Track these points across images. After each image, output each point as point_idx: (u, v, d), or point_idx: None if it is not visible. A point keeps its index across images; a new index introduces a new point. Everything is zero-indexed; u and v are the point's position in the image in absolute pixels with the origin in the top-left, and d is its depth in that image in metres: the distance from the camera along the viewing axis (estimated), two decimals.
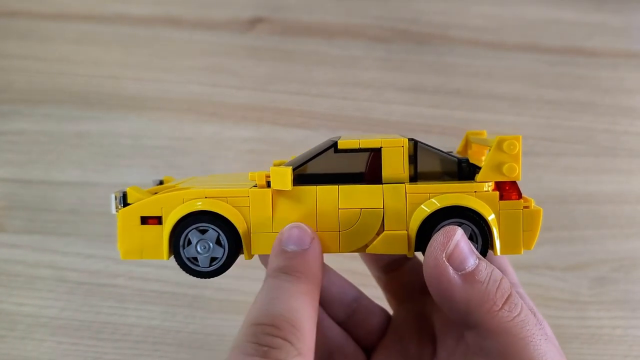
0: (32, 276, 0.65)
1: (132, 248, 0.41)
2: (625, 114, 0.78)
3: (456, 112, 0.77)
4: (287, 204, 0.40)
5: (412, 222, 0.39)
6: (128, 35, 0.80)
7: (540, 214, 0.40)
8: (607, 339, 0.63)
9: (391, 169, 0.40)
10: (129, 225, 0.40)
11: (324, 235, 0.40)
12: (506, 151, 0.39)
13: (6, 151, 0.73)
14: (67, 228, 0.68)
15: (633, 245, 0.69)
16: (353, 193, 0.40)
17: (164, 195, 0.41)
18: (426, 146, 0.41)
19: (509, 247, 0.40)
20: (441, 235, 0.36)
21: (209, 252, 0.40)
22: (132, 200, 0.41)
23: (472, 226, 0.39)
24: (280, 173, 0.40)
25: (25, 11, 0.81)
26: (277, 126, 0.75)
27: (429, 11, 0.84)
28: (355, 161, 0.41)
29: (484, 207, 0.39)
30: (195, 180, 0.47)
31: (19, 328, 0.63)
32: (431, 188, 0.40)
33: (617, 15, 0.85)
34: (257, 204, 0.40)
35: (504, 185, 0.40)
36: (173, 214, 0.40)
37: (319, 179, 0.41)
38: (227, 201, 0.40)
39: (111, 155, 0.73)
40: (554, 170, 0.74)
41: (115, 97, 0.76)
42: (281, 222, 0.40)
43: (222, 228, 0.40)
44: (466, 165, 0.41)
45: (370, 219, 0.40)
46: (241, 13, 0.82)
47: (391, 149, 0.41)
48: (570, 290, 0.66)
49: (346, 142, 0.41)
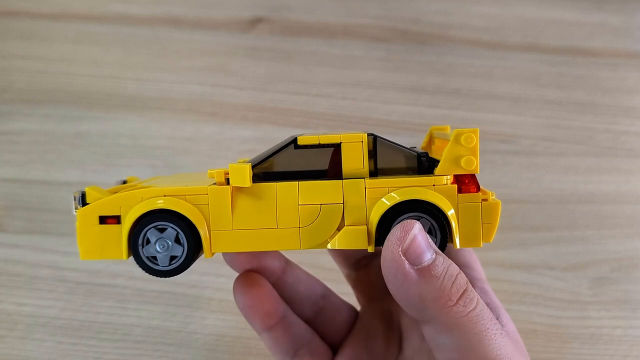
0: (32, 276, 0.65)
1: (91, 248, 0.40)
2: (625, 114, 0.78)
3: (456, 112, 0.77)
4: (247, 201, 0.40)
5: (371, 216, 0.39)
6: (128, 35, 0.80)
7: (499, 206, 0.40)
8: (607, 339, 0.63)
9: (351, 164, 0.40)
10: (87, 225, 0.40)
11: (284, 232, 0.40)
12: (464, 144, 0.39)
13: (6, 151, 0.73)
14: (67, 228, 0.68)
15: (633, 245, 0.69)
16: (313, 189, 0.40)
17: (123, 194, 0.40)
18: (385, 141, 0.41)
19: (468, 240, 0.40)
20: (398, 230, 0.36)
21: (168, 251, 0.40)
22: (91, 200, 0.40)
23: (430, 220, 0.39)
24: (238, 170, 0.39)
25: (25, 11, 0.81)
26: (277, 126, 0.75)
27: (429, 11, 0.84)
28: (317, 158, 0.41)
29: (442, 200, 0.39)
30: (158, 180, 0.47)
31: (19, 328, 0.62)
32: (390, 182, 0.40)
33: (617, 15, 0.85)
34: (216, 202, 0.40)
35: (463, 178, 0.40)
36: (131, 212, 0.40)
37: (281, 176, 0.41)
38: (186, 199, 0.40)
39: (111, 155, 0.73)
40: (554, 170, 0.74)
41: (115, 97, 0.76)
42: (241, 219, 0.40)
43: (181, 226, 0.40)
44: (425, 160, 0.41)
45: (331, 215, 0.40)
46: (241, 13, 0.82)
47: (350, 144, 0.40)
48: (570, 290, 0.66)
49: (306, 138, 0.41)
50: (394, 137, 0.74)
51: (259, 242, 0.40)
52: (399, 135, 0.75)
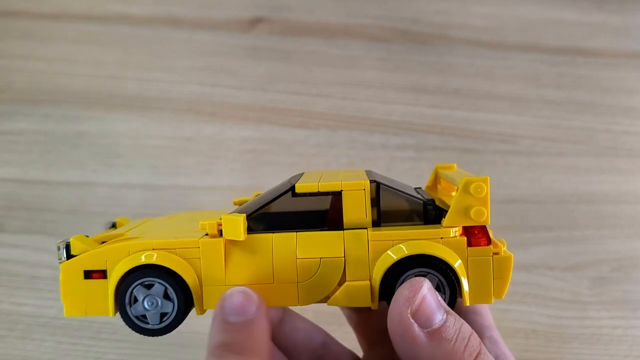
0: (32, 276, 0.65)
1: (76, 303, 0.38)
2: (625, 114, 0.78)
3: (456, 112, 0.77)
4: (241, 254, 0.38)
5: (375, 271, 0.37)
6: (128, 35, 0.80)
7: (511, 260, 0.37)
8: (607, 339, 0.63)
9: (353, 213, 0.38)
10: (71, 279, 0.38)
11: (281, 288, 0.37)
12: (473, 194, 0.37)
13: (6, 151, 0.73)
14: (67, 228, 0.68)
15: (633, 245, 0.69)
16: (312, 241, 0.38)
17: (109, 247, 0.38)
18: (389, 188, 0.39)
19: (478, 296, 0.37)
20: (406, 289, 0.34)
21: (157, 308, 0.37)
22: (76, 252, 0.38)
23: (438, 276, 0.37)
24: (232, 221, 0.37)
25: (25, 11, 0.81)
26: (277, 126, 0.75)
27: (429, 11, 0.84)
28: (317, 202, 0.39)
29: (451, 255, 0.37)
30: (148, 226, 0.44)
31: (19, 328, 0.62)
32: (395, 235, 0.37)
33: (617, 15, 0.85)
34: (209, 256, 0.37)
35: (473, 229, 0.38)
36: (118, 268, 0.37)
37: (277, 221, 0.39)
38: (176, 253, 0.37)
39: (111, 155, 0.73)
40: (554, 170, 0.74)
41: (115, 97, 0.76)
42: (235, 274, 0.37)
43: (170, 282, 0.37)
44: (432, 208, 0.39)
45: (331, 269, 0.37)
46: (241, 13, 0.82)
47: (352, 192, 0.38)
48: (570, 290, 0.66)
49: (304, 186, 0.38)
50: (394, 137, 0.75)
51: None
52: (399, 135, 0.75)
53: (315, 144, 0.74)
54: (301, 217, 0.39)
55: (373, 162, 0.73)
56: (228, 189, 0.71)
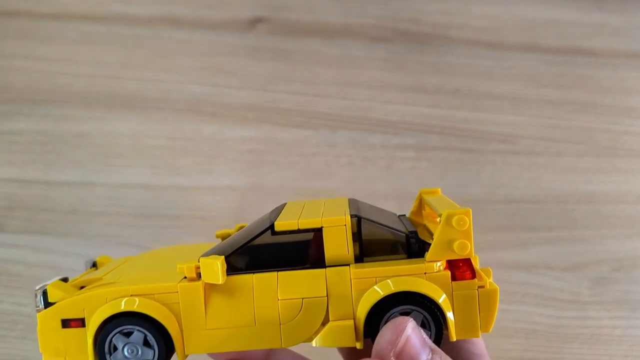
0: (32, 276, 0.65)
1: (54, 354, 0.37)
2: (625, 114, 0.78)
3: (456, 112, 0.77)
4: (221, 297, 0.37)
5: (359, 309, 0.36)
6: (128, 35, 0.80)
7: (497, 293, 0.37)
8: (607, 339, 0.63)
9: (334, 250, 0.37)
10: (49, 328, 0.37)
11: (263, 329, 0.37)
12: (455, 227, 0.36)
13: (6, 151, 0.73)
14: (67, 228, 0.68)
15: (633, 245, 0.69)
16: (293, 280, 0.37)
17: (86, 295, 0.37)
18: (370, 221, 0.38)
19: (465, 331, 0.37)
20: (389, 331, 0.33)
21: (137, 356, 0.37)
22: (54, 299, 0.37)
23: (423, 312, 0.36)
24: (210, 265, 0.36)
25: (25, 11, 0.81)
26: (277, 126, 0.75)
27: (429, 11, 0.84)
28: (298, 236, 0.38)
29: (435, 291, 0.36)
30: (126, 268, 0.43)
31: (19, 328, 0.62)
32: (378, 271, 0.36)
33: (617, 15, 0.85)
34: (188, 300, 0.37)
35: (457, 262, 0.37)
36: (95, 316, 0.36)
37: (257, 259, 0.38)
38: (155, 298, 0.36)
39: (111, 155, 0.73)
40: (554, 170, 0.74)
41: (115, 97, 0.76)
42: (216, 317, 0.37)
43: (149, 328, 0.36)
44: (415, 241, 0.38)
45: (314, 309, 0.37)
46: (241, 13, 0.82)
47: (333, 228, 0.37)
48: (570, 290, 0.66)
49: (284, 224, 0.38)
50: (394, 137, 0.75)
51: (237, 342, 0.37)
52: (399, 135, 0.75)
53: (315, 144, 0.74)
54: (282, 253, 0.38)
55: (373, 162, 0.73)
56: (228, 189, 0.71)
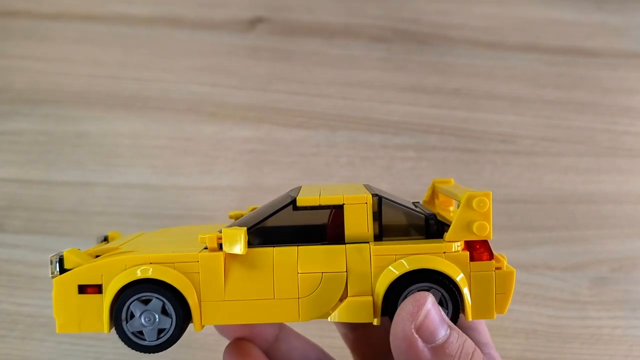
0: (32, 276, 0.65)
1: (69, 320, 0.37)
2: (625, 114, 0.78)
3: (456, 112, 0.77)
4: (241, 268, 0.37)
5: (377, 286, 0.37)
6: (128, 35, 0.80)
7: (513, 275, 0.38)
8: (607, 339, 0.63)
9: (354, 227, 0.38)
10: (65, 294, 0.37)
11: (281, 303, 0.37)
12: (476, 209, 0.37)
13: (6, 151, 0.73)
14: (67, 228, 0.68)
15: (633, 245, 0.69)
16: (313, 255, 0.37)
17: (105, 261, 0.37)
18: (391, 202, 0.39)
19: (481, 311, 0.37)
20: (410, 304, 0.34)
21: (154, 324, 0.36)
22: (70, 266, 0.37)
23: (441, 290, 0.37)
24: (232, 235, 0.36)
25: (25, 11, 0.81)
26: (277, 126, 0.75)
27: (429, 11, 0.84)
28: (314, 215, 0.38)
29: (454, 269, 0.37)
30: (142, 240, 0.43)
31: (19, 328, 0.63)
32: (398, 249, 0.37)
33: (617, 15, 0.85)
34: (208, 270, 0.37)
35: (474, 244, 0.37)
36: (114, 282, 0.36)
37: (276, 235, 0.38)
38: (175, 267, 0.36)
39: (111, 155, 0.73)
40: (554, 170, 0.74)
41: (115, 97, 0.76)
42: (235, 289, 0.37)
43: (168, 297, 0.36)
44: (434, 223, 0.39)
45: (333, 284, 0.37)
46: (241, 13, 0.82)
47: (354, 205, 0.38)
48: (570, 290, 0.66)
49: (306, 199, 0.38)
50: (394, 137, 0.75)
51: (255, 314, 0.37)
52: (399, 135, 0.75)
53: (315, 144, 0.74)
54: (301, 230, 0.38)
55: (373, 162, 0.73)
56: (228, 189, 0.71)
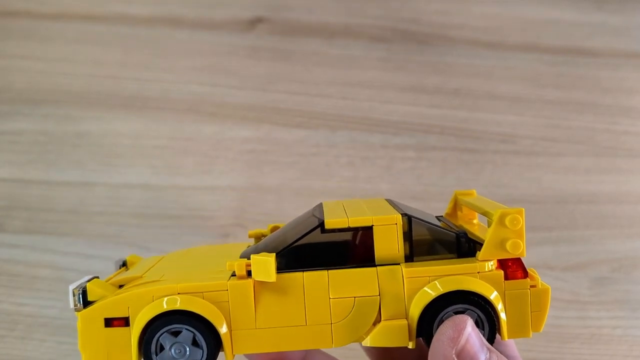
0: (32, 276, 0.65)
1: (95, 354, 0.36)
2: (625, 114, 0.78)
3: (456, 112, 0.77)
4: (271, 295, 0.36)
5: (412, 308, 0.36)
6: (128, 35, 0.80)
7: (549, 292, 0.37)
8: (607, 339, 0.63)
9: (385, 249, 0.37)
10: (91, 328, 0.36)
11: (314, 329, 0.36)
12: (509, 226, 0.36)
13: (6, 151, 0.73)
14: (67, 228, 0.68)
15: (633, 245, 0.69)
16: (344, 279, 0.36)
17: (131, 293, 0.36)
18: (421, 221, 0.38)
19: (516, 330, 0.37)
20: (450, 329, 0.33)
21: (186, 356, 0.35)
22: (94, 298, 0.36)
23: (477, 311, 0.36)
24: (262, 262, 0.35)
25: (25, 11, 0.81)
26: (277, 126, 0.75)
27: (429, 11, 0.84)
28: (344, 234, 0.38)
29: (489, 290, 0.36)
30: (164, 266, 0.42)
31: (19, 328, 0.62)
32: (431, 271, 0.36)
33: (617, 15, 0.85)
34: (238, 298, 0.36)
35: (507, 261, 0.37)
36: (142, 315, 0.35)
37: (304, 256, 0.37)
38: (204, 296, 0.36)
39: (111, 155, 0.73)
40: (554, 170, 0.74)
41: (115, 97, 0.76)
42: (266, 316, 0.36)
43: (198, 327, 0.35)
44: (465, 241, 0.38)
45: (366, 308, 0.36)
46: (241, 13, 0.82)
47: (383, 227, 0.37)
48: (570, 290, 0.66)
49: (334, 222, 0.37)
50: (394, 137, 0.75)
51: (287, 342, 0.36)
52: (399, 135, 0.75)
53: (315, 144, 0.74)
54: (328, 252, 0.37)
55: (373, 162, 0.73)
56: (228, 189, 0.71)
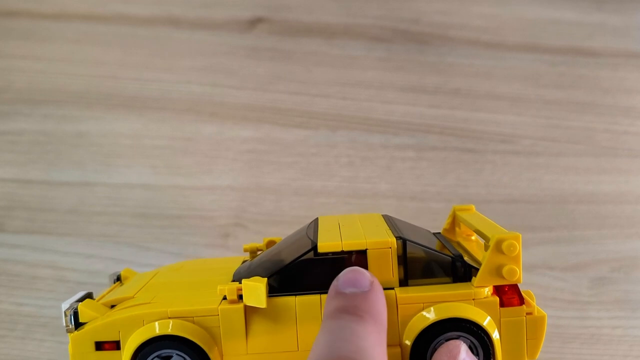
0: (32, 276, 0.65)
1: None
2: (625, 114, 0.78)
3: (456, 112, 0.77)
4: (263, 320, 0.36)
5: (405, 335, 0.36)
6: (128, 35, 0.80)
7: (545, 320, 0.37)
8: (607, 339, 0.63)
9: (378, 273, 0.36)
10: (82, 351, 0.36)
11: (306, 355, 0.35)
12: (505, 252, 0.36)
13: (6, 151, 0.73)
14: (67, 228, 0.68)
15: (633, 245, 0.69)
16: None
17: (122, 317, 0.36)
18: (416, 244, 0.38)
19: (511, 357, 0.36)
20: (445, 355, 0.33)
21: None
22: (85, 319, 0.36)
23: (471, 338, 0.36)
24: (253, 288, 0.35)
25: (25, 11, 0.81)
26: (277, 126, 0.75)
27: (429, 11, 0.84)
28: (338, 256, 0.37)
29: (483, 317, 0.36)
30: (158, 284, 0.42)
31: (19, 328, 0.62)
32: (425, 297, 0.36)
33: (617, 15, 0.85)
34: (228, 323, 0.36)
35: (503, 287, 0.37)
36: (132, 339, 0.35)
37: (296, 278, 0.37)
38: (194, 321, 0.35)
39: (111, 155, 0.73)
40: (554, 170, 0.74)
41: (115, 97, 0.76)
42: (257, 342, 0.36)
43: (189, 353, 0.35)
44: (461, 265, 0.38)
45: None
46: (241, 13, 0.82)
47: (377, 250, 0.37)
48: (570, 290, 0.66)
49: (327, 245, 0.37)
50: (394, 137, 0.75)
51: None
52: (399, 135, 0.75)
53: (315, 144, 0.74)
54: (322, 274, 0.37)
55: (373, 162, 0.73)
56: (228, 189, 0.71)
